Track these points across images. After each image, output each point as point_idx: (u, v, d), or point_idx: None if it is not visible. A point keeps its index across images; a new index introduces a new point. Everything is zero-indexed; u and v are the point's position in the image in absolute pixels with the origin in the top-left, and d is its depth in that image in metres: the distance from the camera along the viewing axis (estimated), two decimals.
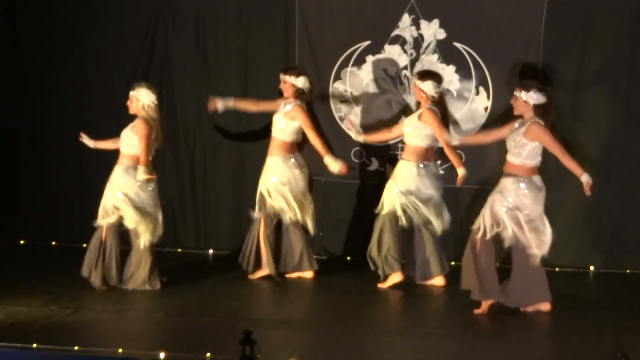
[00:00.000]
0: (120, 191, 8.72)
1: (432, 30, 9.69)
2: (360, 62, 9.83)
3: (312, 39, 9.91)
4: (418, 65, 9.71)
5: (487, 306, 8.18)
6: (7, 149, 10.59)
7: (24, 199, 10.62)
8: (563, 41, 9.52)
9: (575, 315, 8.25)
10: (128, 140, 8.79)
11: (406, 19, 9.72)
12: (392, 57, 9.77)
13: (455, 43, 9.66)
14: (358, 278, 9.28)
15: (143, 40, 10.22)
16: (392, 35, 9.76)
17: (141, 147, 8.70)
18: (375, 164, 9.90)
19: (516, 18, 9.55)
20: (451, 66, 9.67)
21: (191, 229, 10.39)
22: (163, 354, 6.87)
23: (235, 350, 6.25)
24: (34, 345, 7.06)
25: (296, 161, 9.22)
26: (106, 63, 10.28)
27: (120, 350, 7.02)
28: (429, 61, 9.69)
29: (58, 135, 10.43)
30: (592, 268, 9.73)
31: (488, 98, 9.64)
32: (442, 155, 9.43)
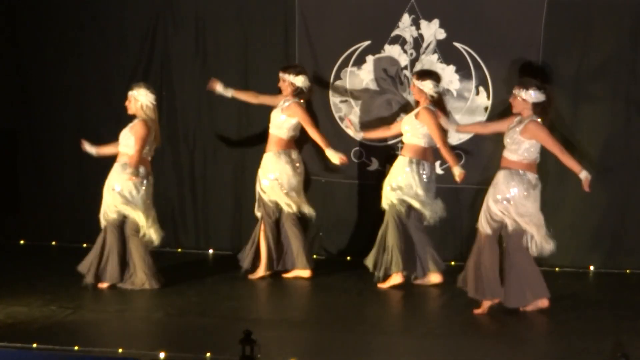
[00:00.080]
0: (115, 187, 8.72)
1: (432, 30, 9.69)
2: (360, 62, 9.84)
3: (312, 39, 9.91)
4: (418, 65, 9.71)
5: (488, 306, 8.17)
6: (7, 149, 10.60)
7: (24, 199, 10.63)
8: (563, 41, 9.52)
9: (575, 315, 8.25)
10: (126, 140, 8.80)
11: (406, 19, 9.73)
12: (392, 57, 9.77)
13: (455, 43, 9.66)
14: (358, 278, 9.28)
15: (143, 40, 10.23)
16: (392, 35, 9.76)
17: (135, 149, 8.69)
18: (375, 164, 9.90)
19: (516, 18, 9.56)
20: (451, 66, 9.67)
21: (191, 229, 10.39)
22: (163, 354, 6.87)
23: (235, 350, 6.25)
24: (34, 345, 7.05)
25: (289, 157, 9.21)
26: (106, 63, 10.28)
27: (120, 350, 7.02)
28: (429, 61, 9.69)
29: (58, 135, 10.44)
30: (592, 268, 9.73)
31: (488, 98, 9.65)
32: (441, 155, 9.44)
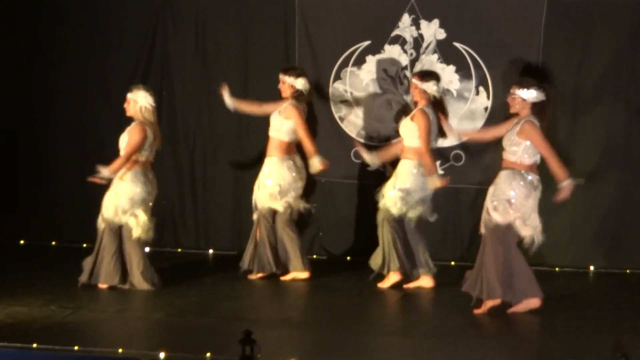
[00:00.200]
0: (115, 189, 8.72)
1: (432, 30, 9.69)
2: (360, 62, 9.84)
3: (312, 39, 9.91)
4: (418, 65, 9.71)
5: (489, 306, 8.16)
6: (7, 149, 10.60)
7: (24, 199, 10.63)
8: (563, 41, 9.52)
9: (575, 315, 8.25)
10: (124, 144, 8.79)
11: (406, 19, 9.73)
12: (392, 57, 9.77)
13: (455, 43, 9.66)
14: (358, 278, 9.27)
15: (143, 40, 10.23)
16: (392, 35, 9.76)
17: (125, 151, 8.66)
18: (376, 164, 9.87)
19: (516, 18, 9.56)
20: (451, 66, 9.67)
21: (191, 229, 10.39)
22: (163, 354, 6.86)
23: (235, 350, 6.24)
24: (34, 345, 7.05)
25: (293, 163, 9.19)
26: (106, 63, 10.28)
27: (120, 350, 7.01)
28: (429, 61, 9.69)
29: (58, 135, 10.44)
30: (592, 268, 9.73)
31: (488, 98, 9.65)
32: (441, 155, 9.45)
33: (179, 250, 10.36)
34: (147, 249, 8.96)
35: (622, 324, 7.94)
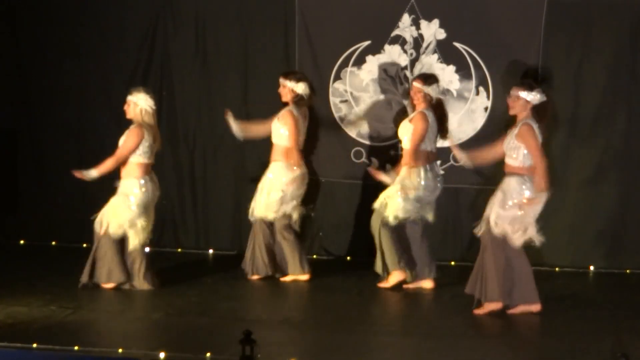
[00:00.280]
0: (117, 201, 8.73)
1: (432, 30, 9.69)
2: (360, 62, 9.83)
3: (312, 39, 9.91)
4: (418, 65, 9.71)
5: (489, 309, 8.12)
6: (7, 149, 10.60)
7: (24, 199, 10.63)
8: (563, 41, 9.52)
9: (575, 315, 8.25)
10: None
11: (406, 19, 9.73)
12: (392, 57, 9.77)
13: (455, 43, 9.66)
14: (358, 278, 9.28)
15: (143, 40, 10.23)
16: (392, 35, 9.76)
17: (117, 153, 8.66)
18: (375, 164, 9.88)
19: (516, 18, 9.56)
20: (451, 66, 9.67)
21: (191, 229, 10.39)
22: (163, 354, 6.86)
23: (235, 350, 6.24)
24: (34, 345, 7.05)
25: (300, 170, 9.14)
26: (106, 63, 10.28)
27: (120, 350, 7.01)
28: (429, 61, 9.69)
29: (58, 135, 10.44)
30: (592, 268, 9.73)
31: (488, 98, 9.65)
32: (441, 155, 9.44)
33: (179, 250, 10.36)
34: (147, 249, 8.95)
35: (622, 324, 7.94)
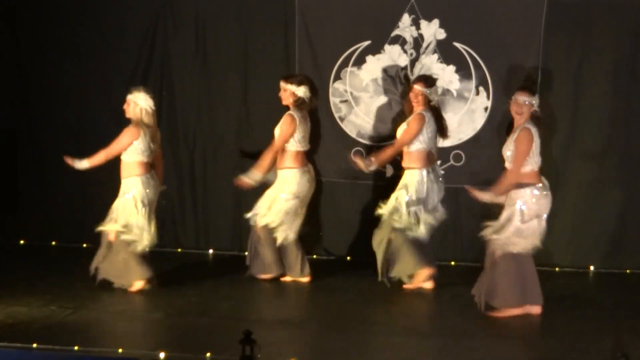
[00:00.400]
0: (118, 205, 8.74)
1: (432, 30, 9.69)
2: (360, 62, 9.83)
3: (312, 39, 9.90)
4: (418, 65, 9.71)
5: (510, 314, 8.10)
6: (7, 149, 10.60)
7: (24, 199, 10.63)
8: (563, 41, 9.52)
9: (575, 315, 8.25)
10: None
11: (406, 19, 9.72)
12: (392, 57, 9.77)
13: (455, 43, 9.66)
14: (358, 278, 9.28)
15: (143, 40, 10.22)
16: (392, 35, 9.76)
17: (110, 146, 8.68)
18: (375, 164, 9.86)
19: (516, 18, 9.55)
20: (451, 66, 9.67)
21: (191, 229, 10.39)
22: (163, 354, 6.87)
23: (235, 350, 6.25)
24: (34, 345, 7.06)
25: (310, 174, 9.11)
26: (106, 63, 10.28)
27: (120, 350, 7.02)
28: (429, 61, 9.68)
29: (58, 135, 10.43)
30: (592, 268, 9.72)
31: (488, 98, 9.64)
32: (441, 155, 9.44)
33: (179, 250, 10.35)
34: (147, 249, 8.95)
35: (622, 324, 7.94)
